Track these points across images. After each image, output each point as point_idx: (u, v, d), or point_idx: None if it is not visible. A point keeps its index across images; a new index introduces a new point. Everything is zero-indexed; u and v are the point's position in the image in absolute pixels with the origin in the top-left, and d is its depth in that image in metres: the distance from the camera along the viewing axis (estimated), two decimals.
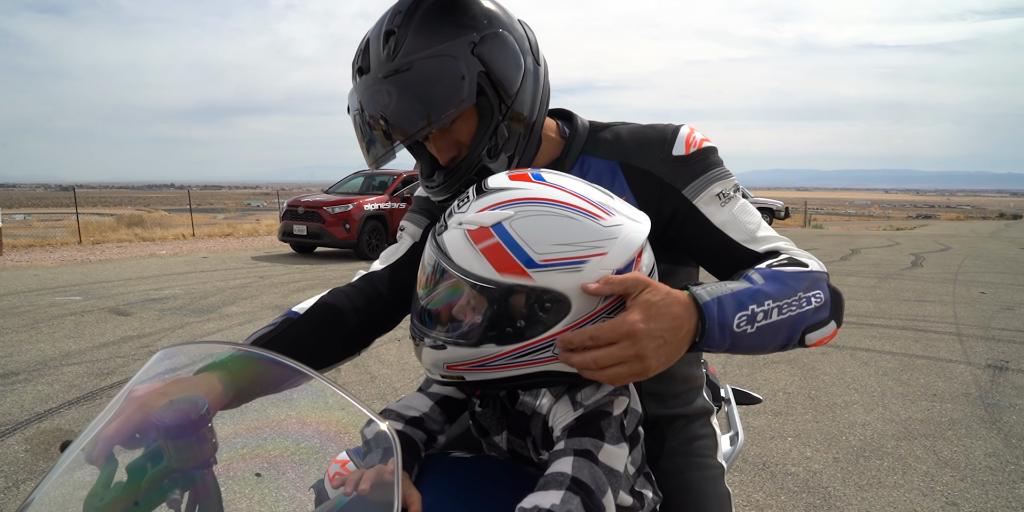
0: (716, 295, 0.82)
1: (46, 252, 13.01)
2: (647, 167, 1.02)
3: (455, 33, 0.92)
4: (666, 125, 1.07)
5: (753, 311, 0.82)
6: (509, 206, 0.79)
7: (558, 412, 0.85)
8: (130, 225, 18.27)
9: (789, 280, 0.87)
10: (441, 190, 1.03)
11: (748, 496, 2.85)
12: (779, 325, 0.84)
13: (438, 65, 0.91)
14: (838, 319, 0.89)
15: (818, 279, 0.89)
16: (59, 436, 3.43)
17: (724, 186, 1.01)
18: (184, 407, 0.71)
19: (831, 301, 0.88)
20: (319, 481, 0.89)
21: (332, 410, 0.78)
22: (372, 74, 0.94)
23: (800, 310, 0.85)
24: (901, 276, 10.14)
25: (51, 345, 5.36)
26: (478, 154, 0.98)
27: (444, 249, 0.80)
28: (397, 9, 0.95)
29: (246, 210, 42.73)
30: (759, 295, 0.84)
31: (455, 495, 0.86)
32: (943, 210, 73.33)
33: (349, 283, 1.14)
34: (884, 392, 4.29)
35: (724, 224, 0.99)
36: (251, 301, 7.41)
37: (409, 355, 5.06)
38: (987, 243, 17.86)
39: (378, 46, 0.95)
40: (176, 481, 0.73)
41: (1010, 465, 3.15)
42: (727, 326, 0.81)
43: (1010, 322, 6.53)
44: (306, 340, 1.02)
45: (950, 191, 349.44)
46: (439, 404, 1.00)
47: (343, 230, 11.67)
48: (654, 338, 0.76)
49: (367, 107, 0.95)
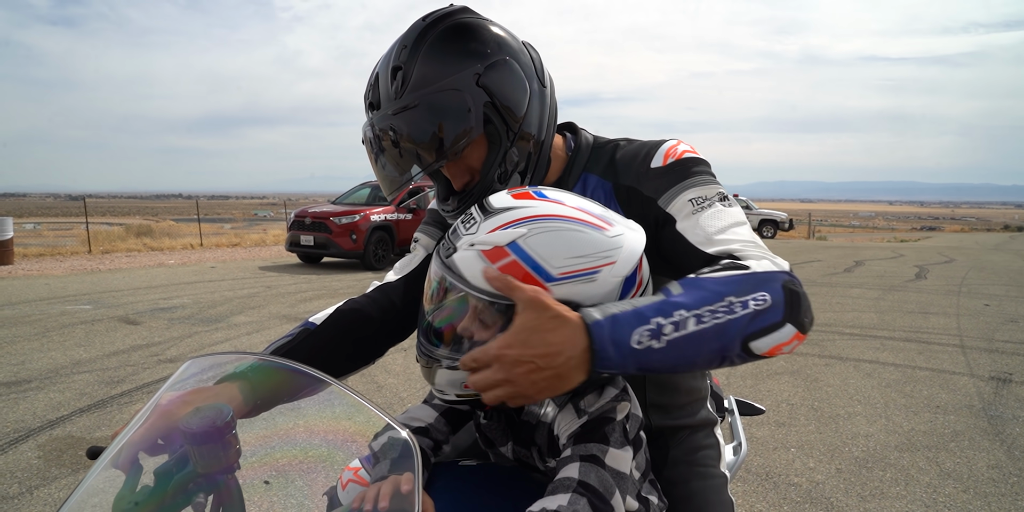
0: (611, 313, 0.77)
1: (56, 261, 13.13)
2: (631, 183, 1.04)
3: (459, 66, 0.95)
4: (655, 141, 1.08)
5: (659, 324, 0.76)
6: (520, 224, 0.83)
7: (563, 421, 0.88)
8: (139, 235, 18.42)
9: (714, 285, 0.79)
10: (456, 214, 1.06)
11: (751, 506, 2.87)
12: (699, 336, 0.76)
13: (445, 99, 0.94)
14: (797, 322, 0.78)
15: (764, 280, 0.80)
16: (71, 443, 3.48)
17: (700, 192, 0.98)
18: (209, 414, 0.75)
19: (785, 302, 0.78)
20: (331, 487, 0.93)
21: (348, 417, 0.82)
22: (382, 111, 0.98)
23: (730, 317, 0.76)
24: (905, 288, 10.13)
25: (62, 353, 5.42)
26: (490, 179, 1.01)
27: (457, 270, 0.83)
28: (403, 43, 0.98)
29: (253, 220, 42.93)
30: (667, 306, 0.77)
31: (465, 502, 0.89)
32: (947, 222, 73.02)
33: (364, 294, 1.18)
34: (887, 403, 4.30)
35: (685, 229, 0.96)
36: (259, 311, 7.47)
37: (416, 365, 5.09)
38: (991, 255, 17.79)
39: (387, 82, 0.98)
40: (201, 486, 0.77)
41: (1013, 477, 3.16)
42: (623, 344, 0.75)
43: (1014, 334, 6.52)
44: (323, 350, 1.06)
45: (954, 203, 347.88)
46: (444, 415, 1.03)
47: (350, 241, 11.74)
48: (522, 364, 0.75)
49: (381, 142, 0.99)
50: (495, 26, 1.02)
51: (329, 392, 0.80)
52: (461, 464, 1.00)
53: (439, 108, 0.95)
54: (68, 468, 3.17)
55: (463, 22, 0.99)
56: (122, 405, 4.11)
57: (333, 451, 0.86)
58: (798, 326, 0.78)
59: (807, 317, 0.80)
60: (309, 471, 0.85)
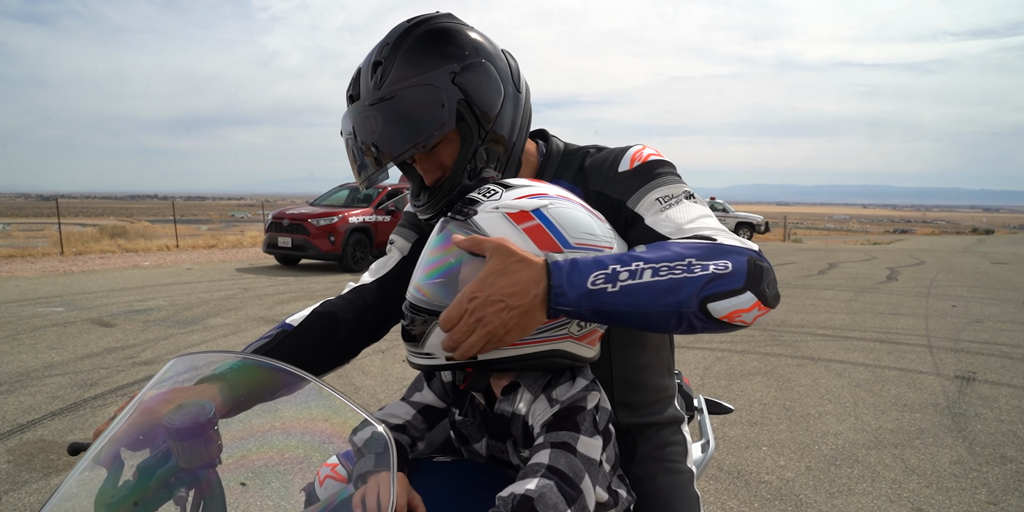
0: (572, 258, 0.82)
1: (27, 263, 12.88)
2: (599, 188, 1.08)
3: (437, 64, 1.00)
4: (622, 147, 1.12)
5: (615, 270, 0.80)
6: (543, 198, 0.92)
7: (536, 411, 0.93)
8: (113, 236, 18.11)
9: (677, 248, 0.83)
10: (427, 209, 1.10)
11: (723, 503, 2.94)
12: (653, 287, 0.79)
13: (420, 93, 0.99)
14: (759, 292, 0.80)
15: (729, 251, 0.83)
16: (42, 447, 3.44)
17: (667, 191, 1.02)
18: (192, 411, 0.78)
19: (748, 272, 0.81)
20: (309, 484, 0.96)
21: (326, 416, 0.85)
22: (361, 102, 1.02)
23: (688, 275, 0.79)
24: (877, 290, 10.36)
25: (33, 356, 5.34)
26: (459, 175, 1.05)
27: (480, 230, 0.89)
28: (385, 41, 1.04)
29: (230, 221, 42.41)
30: (627, 258, 0.81)
31: (440, 497, 0.92)
32: (919, 225, 74.54)
33: (340, 295, 1.21)
34: (856, 402, 4.41)
35: (656, 223, 0.99)
36: (235, 313, 7.41)
37: (392, 366, 5.11)
38: (960, 258, 18.24)
39: (367, 76, 1.03)
40: (183, 480, 0.79)
41: (973, 472, 3.27)
42: (580, 284, 0.79)
43: (979, 334, 6.71)
44: (300, 352, 1.09)
45: (926, 206, 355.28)
46: (421, 412, 1.06)
47: (328, 242, 11.69)
48: (492, 303, 0.80)
49: (358, 132, 1.02)
50: (474, 32, 1.06)
51: (308, 390, 0.83)
52: (435, 460, 1.03)
53: (414, 101, 0.99)
54: (39, 472, 3.14)
55: (444, 26, 1.04)
56: (96, 408, 4.06)
57: (311, 448, 0.88)
58: (759, 295, 0.80)
59: (770, 290, 0.82)
60: (288, 467, 0.87)
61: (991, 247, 25.30)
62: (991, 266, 15.29)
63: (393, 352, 5.51)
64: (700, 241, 0.86)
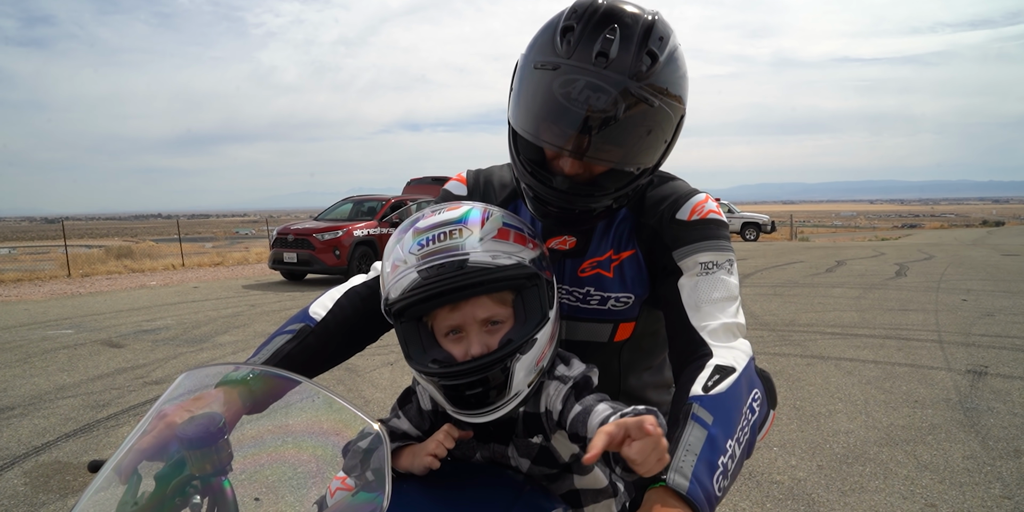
0: (688, 473, 0.79)
1: (35, 286, 12.98)
2: (654, 225, 1.10)
3: (683, 97, 0.99)
4: (687, 189, 1.12)
5: (724, 465, 0.82)
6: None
7: (549, 392, 0.96)
8: (119, 256, 18.23)
9: (731, 400, 0.88)
10: (560, 197, 1.01)
11: (735, 505, 2.93)
12: (744, 453, 0.86)
13: (666, 119, 0.97)
14: (774, 405, 0.92)
15: (750, 375, 0.92)
16: (58, 469, 3.47)
17: (712, 257, 1.04)
18: (203, 421, 0.81)
19: (764, 391, 0.92)
20: (321, 497, 0.98)
21: (337, 431, 0.87)
22: (620, 74, 0.90)
23: (750, 424, 0.88)
24: (885, 286, 10.32)
25: (45, 379, 5.38)
26: (609, 199, 1.03)
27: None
28: (648, 27, 0.94)
29: (235, 238, 42.61)
30: (718, 442, 0.83)
31: (441, 496, 0.95)
32: (928, 219, 74.25)
33: (364, 283, 1.21)
34: (867, 400, 4.40)
35: (684, 285, 1.04)
36: (243, 330, 7.45)
37: (402, 379, 5.12)
38: (970, 251, 18.15)
39: (635, 53, 0.92)
40: (197, 487, 0.82)
41: (986, 466, 3.25)
42: (712, 497, 0.79)
43: (990, 328, 6.68)
44: (323, 350, 1.11)
45: (934, 200, 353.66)
46: (416, 425, 1.08)
47: (333, 256, 11.74)
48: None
49: (594, 99, 0.90)
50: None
51: (308, 395, 0.86)
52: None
53: (658, 123, 0.96)
54: (56, 493, 3.16)
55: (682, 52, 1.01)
56: (109, 429, 4.09)
57: (323, 462, 0.90)
58: (774, 407, 0.95)
59: (776, 397, 0.97)
60: (301, 482, 0.89)
61: (1001, 239, 25.17)
62: (1001, 258, 15.21)
63: (402, 365, 5.53)
64: (731, 381, 0.90)
